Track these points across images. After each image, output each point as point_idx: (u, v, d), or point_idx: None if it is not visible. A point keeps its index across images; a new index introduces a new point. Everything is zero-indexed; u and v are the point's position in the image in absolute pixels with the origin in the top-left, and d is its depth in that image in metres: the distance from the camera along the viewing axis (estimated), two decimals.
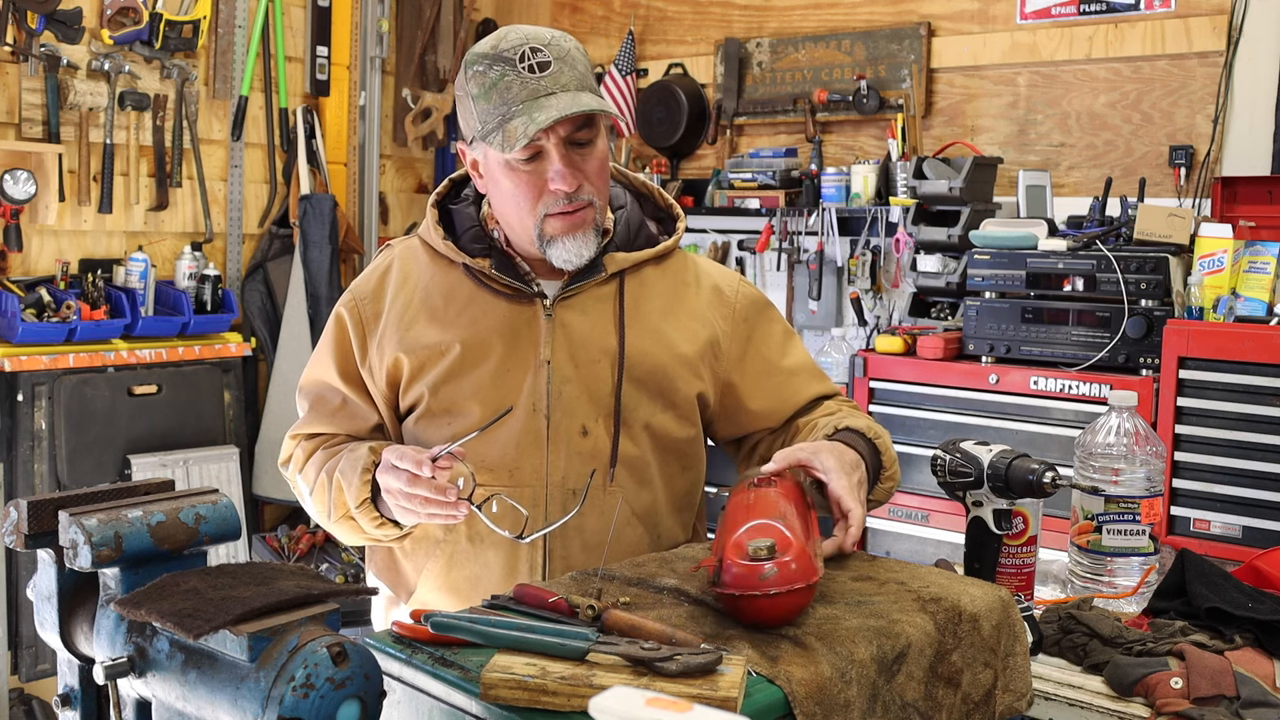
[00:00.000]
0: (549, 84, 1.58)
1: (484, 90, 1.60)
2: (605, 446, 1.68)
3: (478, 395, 1.67)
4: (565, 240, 1.65)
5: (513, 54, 1.59)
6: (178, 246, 4.06)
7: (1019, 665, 1.38)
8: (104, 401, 3.63)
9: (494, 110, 1.59)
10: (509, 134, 1.57)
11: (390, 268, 1.78)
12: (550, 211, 1.64)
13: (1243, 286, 2.93)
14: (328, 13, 4.44)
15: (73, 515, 0.99)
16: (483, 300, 1.70)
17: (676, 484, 1.77)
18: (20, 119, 3.62)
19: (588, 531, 1.67)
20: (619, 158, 4.60)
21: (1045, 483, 1.54)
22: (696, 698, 1.02)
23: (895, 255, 3.79)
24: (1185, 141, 3.50)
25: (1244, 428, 2.74)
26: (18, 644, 3.47)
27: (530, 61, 1.59)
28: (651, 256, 1.76)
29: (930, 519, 3.21)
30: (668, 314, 1.75)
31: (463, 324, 1.69)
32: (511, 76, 1.58)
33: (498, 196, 1.69)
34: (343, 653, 0.88)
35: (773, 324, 1.83)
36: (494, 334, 1.68)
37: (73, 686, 1.10)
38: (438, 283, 1.73)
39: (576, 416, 1.67)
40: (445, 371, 1.67)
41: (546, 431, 1.67)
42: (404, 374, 1.70)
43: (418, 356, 1.69)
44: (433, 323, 1.70)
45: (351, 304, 1.77)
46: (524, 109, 1.57)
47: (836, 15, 4.21)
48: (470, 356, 1.67)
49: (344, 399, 1.76)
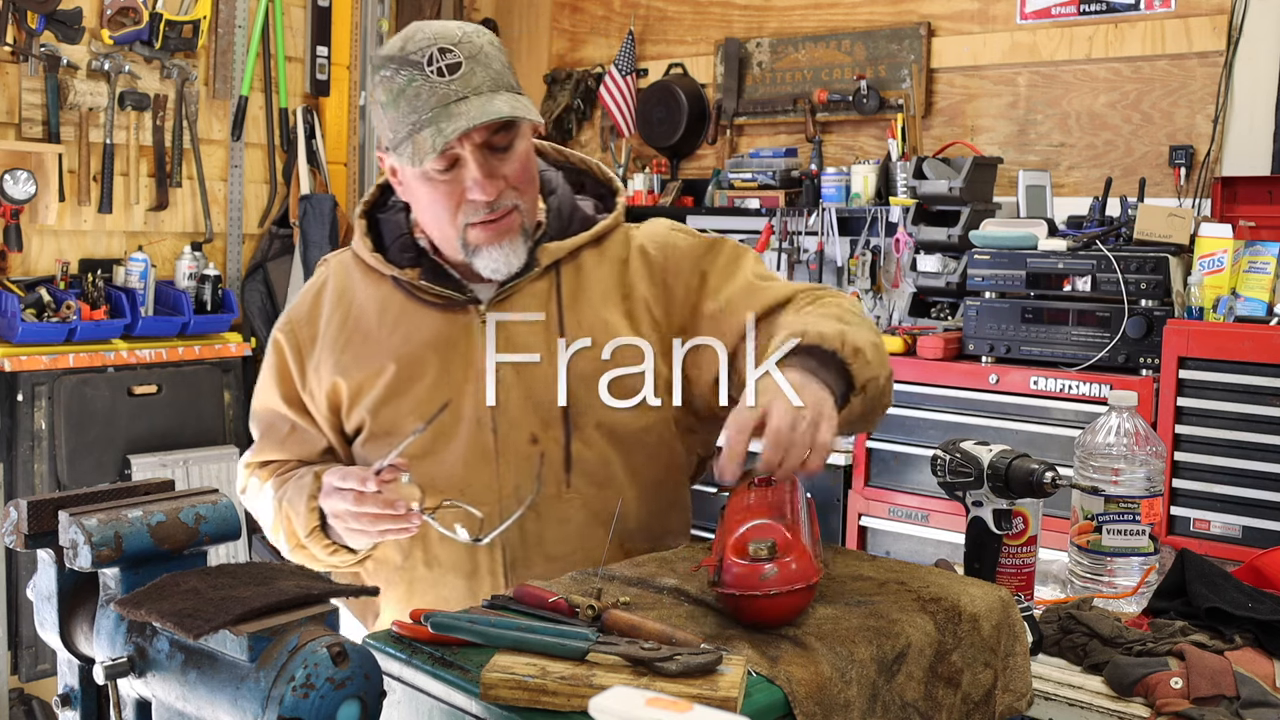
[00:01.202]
0: (460, 88, 1.48)
1: (391, 98, 1.51)
2: (558, 453, 1.59)
3: (418, 413, 1.58)
4: (490, 250, 1.56)
5: (420, 56, 1.49)
6: (178, 246, 4.06)
7: (1019, 665, 1.38)
8: (104, 401, 3.63)
9: (403, 119, 1.50)
10: (418, 146, 1.48)
11: (324, 287, 1.70)
12: (471, 221, 1.55)
13: (1243, 286, 2.93)
14: (328, 13, 4.45)
15: (73, 515, 0.99)
16: (415, 313, 1.62)
17: (645, 475, 1.66)
18: (20, 119, 3.62)
19: (548, 543, 1.60)
20: (619, 158, 4.60)
21: (1045, 483, 1.54)
22: (696, 698, 1.02)
23: (895, 255, 3.79)
24: (1185, 141, 3.50)
25: (1244, 428, 2.74)
26: (18, 644, 3.47)
27: (439, 64, 1.49)
28: (587, 240, 1.65)
29: (930, 519, 3.21)
30: (608, 299, 1.63)
31: (396, 341, 1.61)
32: (420, 82, 1.49)
33: (417, 207, 1.62)
34: (343, 653, 0.88)
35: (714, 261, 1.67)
36: (428, 348, 1.60)
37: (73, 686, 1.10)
38: (370, 298, 1.65)
39: (523, 425, 1.58)
40: (383, 393, 1.60)
41: (494, 444, 1.58)
42: (343, 398, 1.63)
43: (354, 379, 1.62)
44: (367, 343, 1.63)
45: (288, 329, 1.69)
46: (433, 117, 1.48)
47: (836, 15, 4.21)
48: (406, 375, 1.59)
49: (292, 425, 1.70)
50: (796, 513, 1.35)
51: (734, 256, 1.69)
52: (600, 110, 4.72)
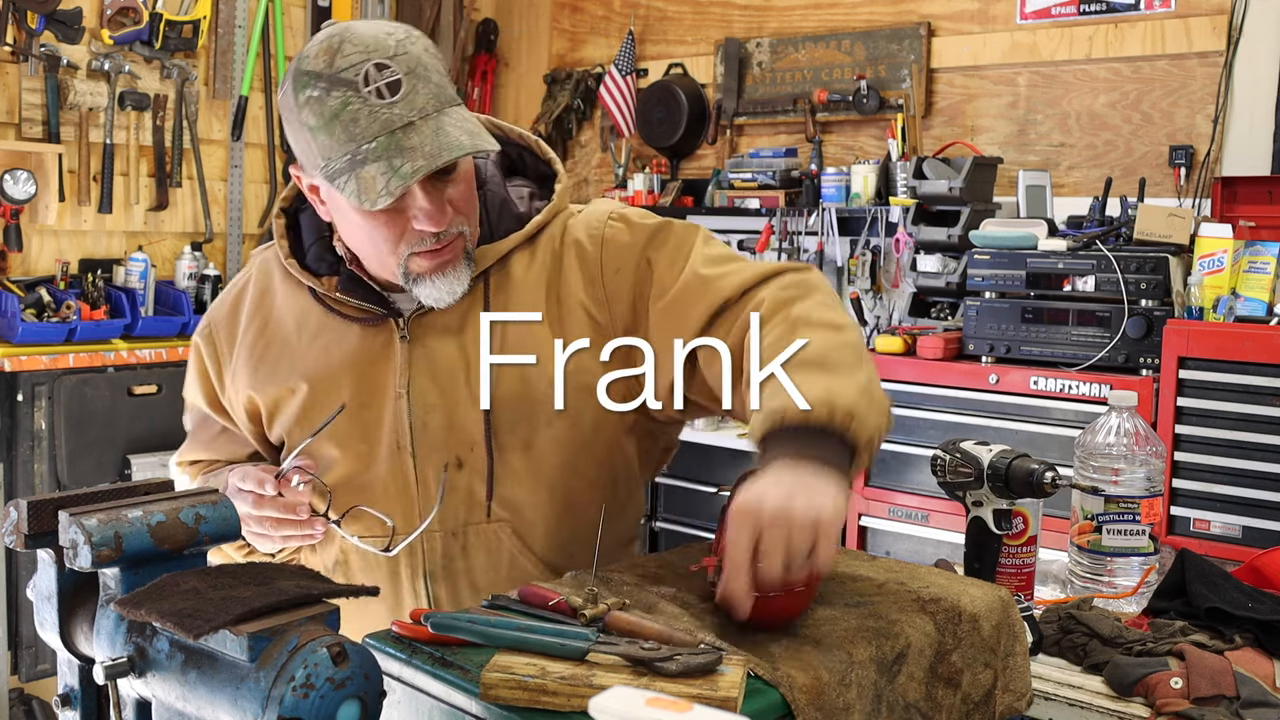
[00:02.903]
0: (404, 111, 1.31)
1: (324, 122, 1.32)
2: (481, 480, 1.47)
3: (335, 437, 1.46)
4: (435, 280, 1.41)
5: (353, 74, 1.31)
6: (178, 246, 4.06)
7: (1019, 665, 1.38)
8: (104, 401, 3.63)
9: (339, 147, 1.32)
10: (365, 185, 1.31)
11: (245, 289, 1.57)
12: (416, 250, 1.39)
13: (1243, 286, 2.93)
14: (328, 13, 4.45)
15: (73, 515, 0.99)
16: (333, 327, 1.48)
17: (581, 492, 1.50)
18: (20, 119, 3.62)
19: (476, 571, 1.49)
20: (619, 158, 4.60)
21: (1045, 483, 1.54)
22: (696, 698, 1.02)
23: (895, 255, 3.79)
24: (1185, 141, 3.49)
25: (1244, 428, 2.74)
26: (18, 644, 3.47)
27: (377, 84, 1.31)
28: (519, 242, 1.49)
29: (930, 519, 3.21)
30: (539, 304, 1.47)
31: (311, 357, 1.49)
32: (357, 105, 1.31)
33: (348, 229, 1.44)
34: (343, 653, 0.88)
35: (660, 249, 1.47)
36: (344, 367, 1.47)
37: (73, 686, 1.10)
38: (289, 306, 1.51)
39: (441, 449, 1.46)
40: (296, 414, 1.49)
41: (414, 470, 1.47)
42: (261, 412, 1.54)
43: (268, 396, 1.51)
44: (283, 357, 1.51)
45: (207, 333, 1.58)
46: (379, 151, 1.31)
47: (836, 15, 4.21)
48: (320, 395, 1.48)
49: (221, 427, 1.61)
50: None
51: (681, 241, 1.47)
52: (600, 110, 4.72)
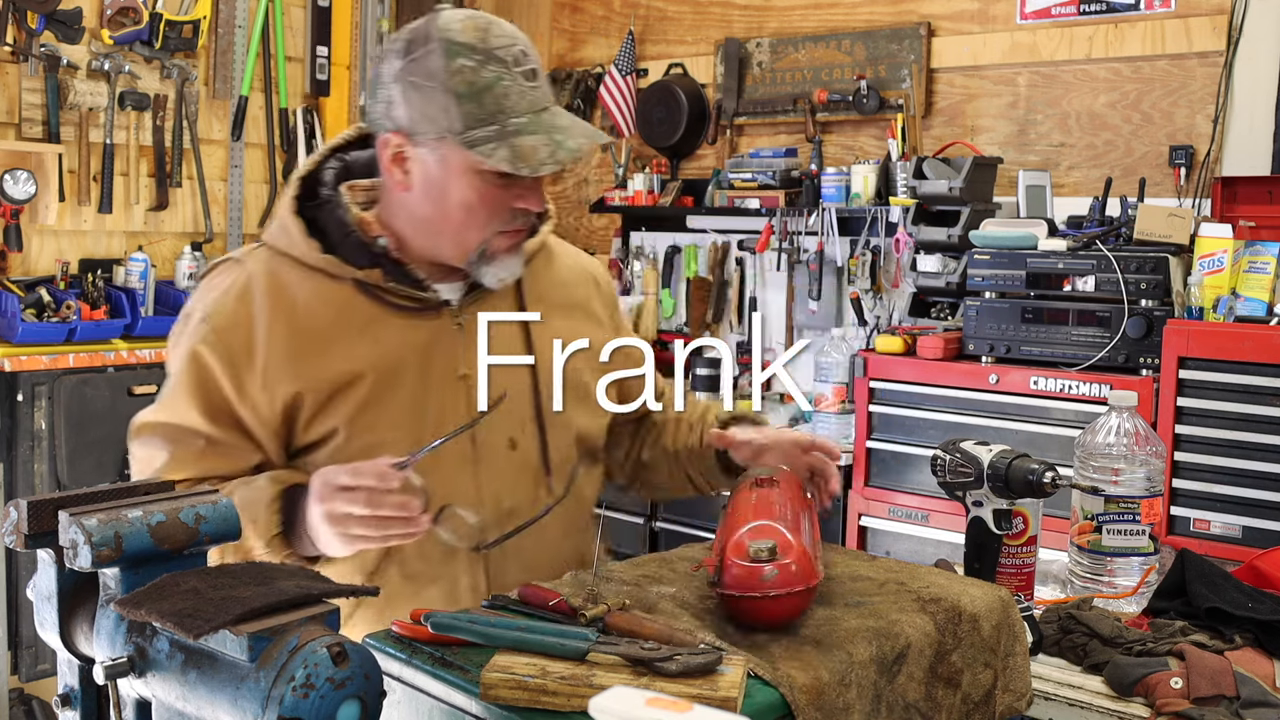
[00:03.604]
0: (542, 98, 1.47)
1: (473, 90, 1.43)
2: (535, 458, 1.58)
3: (397, 424, 1.51)
4: (505, 259, 1.53)
5: (505, 54, 1.44)
6: (178, 246, 4.06)
7: (1019, 665, 1.38)
8: (104, 401, 3.63)
9: (485, 115, 1.43)
10: (523, 152, 1.42)
11: (249, 288, 1.53)
12: (503, 229, 1.51)
13: (1243, 286, 2.93)
14: (328, 13, 4.44)
15: (73, 515, 0.99)
16: (383, 318, 1.53)
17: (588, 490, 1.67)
18: (20, 119, 3.62)
19: (525, 552, 1.55)
20: (619, 158, 4.60)
21: (1045, 483, 1.55)
22: (696, 698, 1.02)
23: (895, 255, 3.79)
24: (1185, 141, 3.49)
25: (1244, 428, 2.74)
26: (18, 644, 3.47)
27: (525, 66, 1.45)
28: (539, 247, 1.66)
29: (930, 519, 3.21)
30: (563, 306, 1.66)
31: (366, 347, 1.51)
32: (508, 81, 1.44)
33: (430, 204, 1.51)
34: (343, 653, 0.88)
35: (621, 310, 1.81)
36: (403, 355, 1.52)
37: (73, 686, 1.10)
38: (322, 302, 1.52)
39: (502, 430, 1.55)
40: (360, 403, 1.50)
41: (473, 451, 1.54)
42: (304, 409, 1.51)
43: (322, 390, 1.50)
44: (331, 350, 1.51)
45: (211, 337, 1.51)
46: (533, 124, 1.44)
47: (836, 15, 4.21)
48: (383, 383, 1.51)
49: (208, 440, 1.51)
50: (797, 514, 1.35)
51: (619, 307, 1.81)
52: (600, 110, 4.72)
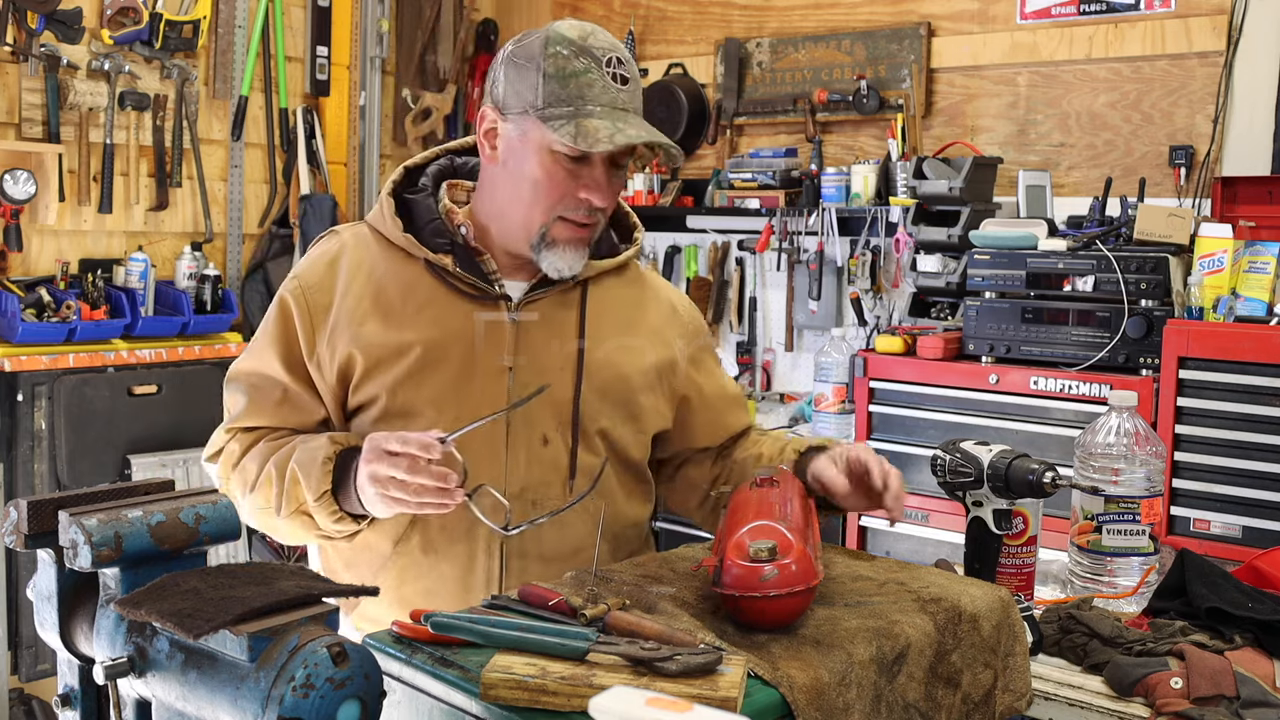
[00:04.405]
0: (625, 100, 1.58)
1: (561, 74, 1.55)
2: (565, 457, 1.63)
3: (436, 401, 1.60)
4: (565, 250, 1.62)
5: (600, 54, 1.57)
6: (178, 246, 4.06)
7: (1019, 665, 1.38)
8: (104, 401, 3.63)
9: (567, 95, 1.55)
10: (587, 130, 1.53)
11: (339, 256, 1.68)
12: (566, 215, 1.60)
13: (1243, 286, 2.93)
14: (328, 13, 4.44)
15: (73, 515, 0.99)
16: (444, 299, 1.63)
17: (627, 508, 1.72)
18: (20, 119, 3.62)
19: (546, 543, 1.62)
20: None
21: (1045, 483, 1.55)
22: (696, 698, 1.02)
23: (895, 255, 3.79)
24: (1185, 141, 3.49)
25: (1244, 428, 2.74)
26: (18, 644, 3.46)
27: (615, 70, 1.58)
28: (614, 266, 1.74)
29: (930, 519, 3.21)
30: (628, 325, 1.72)
31: (422, 324, 1.62)
32: (595, 75, 1.56)
33: (508, 178, 1.62)
34: (343, 653, 0.88)
35: (712, 351, 1.86)
36: (455, 336, 1.62)
37: (73, 686, 1.10)
38: (394, 277, 1.65)
39: (537, 425, 1.62)
40: (404, 373, 1.60)
41: (506, 439, 1.61)
42: (356, 371, 1.62)
43: (373, 355, 1.61)
44: (389, 320, 1.62)
45: (298, 292, 1.66)
46: (605, 113, 1.55)
47: (836, 15, 4.21)
48: (430, 359, 1.60)
49: (285, 391, 1.66)
50: (797, 514, 1.35)
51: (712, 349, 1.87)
52: None
